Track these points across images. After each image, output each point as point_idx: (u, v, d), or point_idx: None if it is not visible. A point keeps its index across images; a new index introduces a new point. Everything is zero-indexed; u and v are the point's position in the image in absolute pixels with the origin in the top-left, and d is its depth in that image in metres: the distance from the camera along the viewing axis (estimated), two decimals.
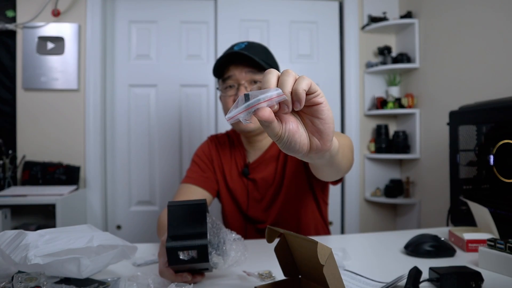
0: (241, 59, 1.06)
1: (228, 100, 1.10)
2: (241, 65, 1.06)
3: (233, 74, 1.07)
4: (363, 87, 2.34)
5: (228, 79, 1.09)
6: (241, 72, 1.06)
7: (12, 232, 0.66)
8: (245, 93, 0.45)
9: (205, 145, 1.25)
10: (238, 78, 1.07)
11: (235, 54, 1.05)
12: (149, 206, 2.21)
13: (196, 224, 0.63)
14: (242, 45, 1.08)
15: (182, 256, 0.62)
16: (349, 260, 0.83)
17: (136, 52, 2.22)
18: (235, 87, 1.08)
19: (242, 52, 1.03)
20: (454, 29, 1.87)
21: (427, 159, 2.11)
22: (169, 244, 0.62)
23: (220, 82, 1.13)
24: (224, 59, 1.06)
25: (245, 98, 0.44)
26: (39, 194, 1.78)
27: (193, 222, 0.63)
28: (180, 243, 0.62)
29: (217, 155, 1.22)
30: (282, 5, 2.29)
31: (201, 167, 1.19)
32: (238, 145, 1.22)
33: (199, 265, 0.64)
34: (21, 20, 2.04)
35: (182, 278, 0.67)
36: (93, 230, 0.73)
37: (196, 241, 0.62)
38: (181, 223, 0.63)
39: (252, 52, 1.05)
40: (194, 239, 0.62)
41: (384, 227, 2.36)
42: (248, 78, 1.07)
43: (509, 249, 0.74)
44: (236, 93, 1.08)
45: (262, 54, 1.08)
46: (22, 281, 0.58)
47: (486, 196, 1.10)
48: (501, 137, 1.04)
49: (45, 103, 2.08)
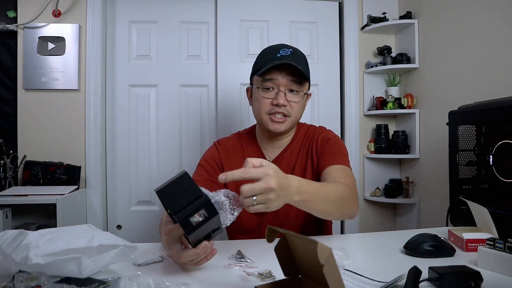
0: (285, 65, 1.08)
1: (265, 101, 1.12)
2: (284, 71, 1.09)
3: (276, 78, 1.10)
4: (362, 87, 2.34)
5: (269, 81, 1.11)
6: (284, 79, 1.10)
7: (13, 231, 0.66)
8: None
9: (214, 150, 1.24)
10: (279, 84, 1.10)
11: (284, 63, 1.07)
12: (149, 206, 2.22)
13: (189, 192, 0.67)
14: (288, 51, 1.11)
15: (195, 220, 0.66)
16: (349, 260, 0.83)
17: (136, 52, 2.22)
18: (274, 91, 1.11)
19: (292, 63, 1.06)
20: (454, 30, 1.87)
21: (427, 159, 2.11)
22: (178, 216, 0.65)
23: (259, 79, 1.13)
24: (273, 64, 1.08)
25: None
26: (40, 194, 1.78)
27: (185, 191, 0.67)
28: (187, 210, 0.66)
29: (227, 160, 1.21)
30: (282, 5, 2.29)
31: (209, 171, 1.18)
32: (252, 145, 1.23)
33: (211, 224, 0.68)
34: (22, 20, 2.05)
35: (203, 248, 0.71)
36: (93, 230, 0.73)
37: (198, 202, 0.66)
38: (176, 198, 0.67)
39: (296, 61, 1.08)
40: (195, 202, 0.67)
41: (383, 227, 2.36)
42: (288, 87, 1.10)
43: (508, 249, 0.74)
44: (275, 97, 1.10)
45: (304, 64, 1.12)
46: (23, 280, 0.58)
47: (485, 196, 1.10)
48: (500, 137, 1.04)
49: (46, 103, 2.08)
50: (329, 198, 0.89)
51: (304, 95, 1.14)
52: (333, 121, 2.32)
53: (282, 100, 1.09)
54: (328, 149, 1.15)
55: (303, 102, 1.16)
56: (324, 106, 2.31)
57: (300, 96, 1.13)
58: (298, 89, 1.12)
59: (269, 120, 1.12)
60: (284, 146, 1.22)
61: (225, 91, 2.23)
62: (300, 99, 1.13)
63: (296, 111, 1.13)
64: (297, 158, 1.20)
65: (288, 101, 1.11)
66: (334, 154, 1.13)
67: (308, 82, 1.16)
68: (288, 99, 1.11)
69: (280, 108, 1.10)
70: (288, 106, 1.11)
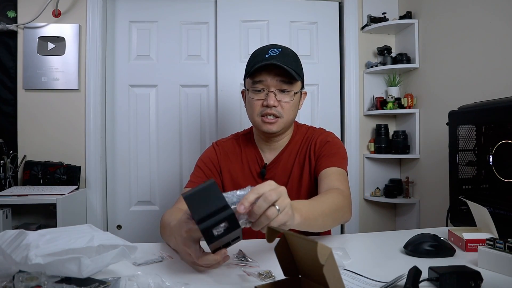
0: (274, 65, 1.08)
1: (256, 103, 1.13)
2: (273, 72, 1.09)
3: (264, 79, 1.10)
4: (362, 87, 2.34)
5: (259, 83, 1.11)
6: (273, 79, 1.10)
7: (13, 231, 0.66)
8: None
9: (211, 151, 1.24)
10: (269, 85, 1.10)
11: (271, 63, 1.07)
12: (149, 206, 2.22)
13: (215, 201, 0.68)
14: (276, 51, 1.10)
15: (217, 231, 0.66)
16: (349, 260, 0.83)
17: (136, 52, 2.22)
18: (265, 92, 1.11)
19: (278, 63, 1.06)
20: (454, 30, 1.87)
21: (427, 159, 2.11)
22: (202, 225, 0.66)
23: (249, 81, 1.14)
24: (259, 65, 1.08)
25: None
26: (40, 193, 1.78)
27: (211, 201, 0.68)
28: (210, 221, 0.66)
29: (225, 161, 1.21)
30: (282, 5, 2.30)
31: (206, 172, 1.18)
32: (250, 147, 1.23)
33: (232, 235, 0.69)
34: (22, 20, 2.05)
35: (222, 255, 0.71)
36: (93, 230, 0.73)
37: (222, 214, 0.67)
38: (202, 207, 0.67)
39: (285, 61, 1.08)
40: (219, 213, 0.67)
41: (383, 227, 2.36)
42: (278, 87, 1.11)
43: (508, 249, 0.74)
44: (265, 98, 1.11)
45: (294, 63, 1.11)
46: (23, 280, 0.58)
47: (485, 196, 1.10)
48: (500, 137, 1.04)
49: (46, 103, 2.09)
50: (325, 212, 0.89)
51: (295, 94, 1.13)
52: (333, 121, 2.32)
53: (272, 101, 1.09)
54: (327, 151, 1.15)
55: (296, 102, 1.15)
56: (324, 106, 2.31)
57: (291, 96, 1.12)
58: (288, 88, 1.11)
59: (261, 122, 1.13)
60: (282, 148, 1.22)
61: (225, 91, 2.23)
62: (290, 99, 1.12)
63: (288, 111, 1.13)
64: (295, 160, 1.19)
65: (278, 101, 1.11)
66: (332, 156, 1.13)
67: (300, 81, 1.15)
68: (279, 99, 1.11)
69: (271, 109, 1.10)
70: (279, 107, 1.11)
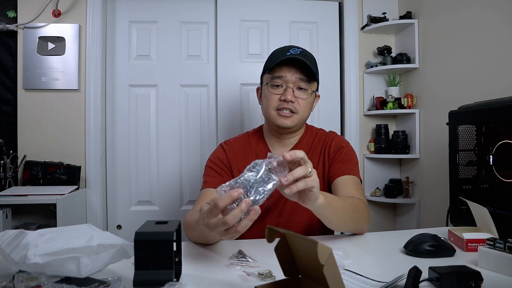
0: (294, 63, 1.12)
1: (273, 97, 1.15)
2: (293, 69, 1.13)
3: (284, 75, 1.13)
4: (362, 87, 2.34)
5: (278, 79, 1.14)
6: (293, 76, 1.13)
7: (13, 231, 0.66)
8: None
9: (220, 150, 1.25)
10: (288, 81, 1.13)
11: (293, 58, 1.11)
12: (149, 206, 2.22)
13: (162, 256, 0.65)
14: (297, 51, 1.15)
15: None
16: (349, 260, 0.83)
17: (136, 52, 2.22)
18: (283, 88, 1.14)
19: (300, 58, 1.10)
20: (454, 29, 1.87)
21: (427, 159, 2.11)
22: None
23: (268, 76, 1.17)
24: (281, 59, 1.12)
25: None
26: (40, 194, 1.78)
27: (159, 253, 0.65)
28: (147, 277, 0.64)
29: (235, 159, 1.22)
30: (282, 5, 2.29)
31: (218, 171, 1.18)
32: (261, 144, 1.25)
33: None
34: (22, 20, 2.05)
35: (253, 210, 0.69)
36: (93, 230, 0.73)
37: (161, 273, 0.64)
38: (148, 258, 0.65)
39: (306, 59, 1.11)
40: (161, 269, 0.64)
41: (383, 227, 2.36)
42: (297, 84, 1.14)
43: (508, 249, 0.74)
44: (283, 93, 1.14)
45: (313, 63, 1.15)
46: (23, 280, 0.58)
47: (485, 196, 1.10)
48: (500, 137, 1.04)
49: (46, 103, 2.08)
50: (346, 208, 0.92)
51: (312, 93, 1.17)
52: (333, 121, 2.32)
53: (290, 96, 1.12)
54: (342, 157, 1.17)
55: (311, 101, 1.19)
56: (324, 106, 2.31)
57: (308, 94, 1.16)
58: (306, 86, 1.15)
59: (276, 115, 1.15)
60: (293, 145, 1.23)
61: (225, 91, 2.23)
62: (307, 96, 1.16)
63: (303, 108, 1.16)
64: None
65: (296, 97, 1.14)
66: (347, 163, 1.16)
67: (316, 82, 1.18)
68: (296, 96, 1.14)
69: (287, 104, 1.13)
70: (295, 103, 1.14)
